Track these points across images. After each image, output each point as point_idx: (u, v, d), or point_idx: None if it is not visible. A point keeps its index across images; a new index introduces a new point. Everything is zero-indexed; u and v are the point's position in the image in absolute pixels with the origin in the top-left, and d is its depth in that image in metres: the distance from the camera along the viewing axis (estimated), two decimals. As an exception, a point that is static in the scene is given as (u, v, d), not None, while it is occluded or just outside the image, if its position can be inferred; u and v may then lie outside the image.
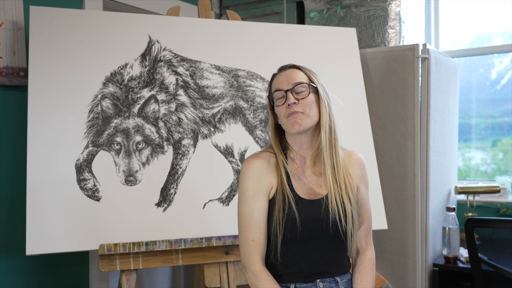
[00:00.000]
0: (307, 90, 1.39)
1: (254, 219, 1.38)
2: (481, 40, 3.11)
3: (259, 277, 1.36)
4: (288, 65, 1.46)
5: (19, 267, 2.08)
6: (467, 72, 3.14)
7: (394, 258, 2.46)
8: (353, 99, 2.33)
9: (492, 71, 3.12)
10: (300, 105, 1.37)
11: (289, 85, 1.39)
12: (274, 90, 1.42)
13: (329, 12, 2.84)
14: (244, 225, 1.40)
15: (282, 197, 1.37)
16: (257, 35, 2.28)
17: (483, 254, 2.25)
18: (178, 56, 2.12)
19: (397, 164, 2.46)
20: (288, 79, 1.40)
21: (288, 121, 1.37)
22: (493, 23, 3.04)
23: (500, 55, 3.06)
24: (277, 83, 1.42)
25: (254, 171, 1.41)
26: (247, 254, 1.39)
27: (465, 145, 3.13)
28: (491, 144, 3.07)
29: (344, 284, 1.42)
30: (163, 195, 1.97)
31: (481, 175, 3.09)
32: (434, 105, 2.45)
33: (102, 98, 1.97)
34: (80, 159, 1.89)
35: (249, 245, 1.38)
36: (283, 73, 1.44)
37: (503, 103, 3.02)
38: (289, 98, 1.37)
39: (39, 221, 1.79)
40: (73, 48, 1.98)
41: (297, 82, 1.39)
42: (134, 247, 1.84)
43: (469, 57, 3.13)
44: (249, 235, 1.38)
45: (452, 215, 2.46)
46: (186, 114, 2.07)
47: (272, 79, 1.47)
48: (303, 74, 1.43)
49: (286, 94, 1.38)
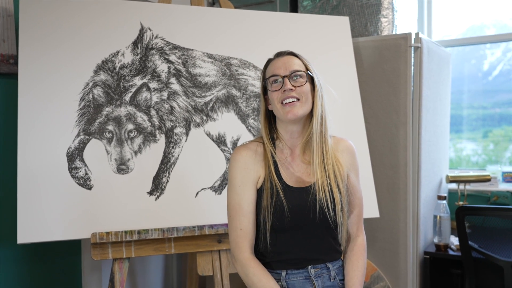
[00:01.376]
0: (304, 78, 1.39)
1: (242, 208, 1.39)
2: (473, 31, 3.11)
3: (247, 265, 1.37)
4: (286, 52, 1.45)
5: (10, 257, 2.07)
6: (460, 63, 3.15)
7: (386, 246, 2.48)
8: (345, 87, 2.33)
9: (484, 62, 3.13)
10: (296, 92, 1.37)
11: (286, 71, 1.39)
12: (270, 75, 1.41)
13: (322, 1, 2.83)
14: (232, 215, 1.41)
15: (270, 185, 1.37)
16: (250, 23, 2.27)
17: (473, 241, 2.27)
18: (170, 44, 2.10)
19: (389, 153, 2.46)
20: (286, 65, 1.40)
21: (283, 108, 1.37)
22: (486, 14, 3.04)
23: (492, 47, 3.07)
24: (274, 68, 1.41)
25: (241, 161, 1.41)
26: (236, 243, 1.40)
27: (456, 136, 3.15)
28: (482, 135, 3.09)
29: (336, 270, 1.43)
30: (155, 183, 1.96)
31: (472, 165, 3.11)
32: (426, 94, 2.46)
33: (94, 86, 1.95)
34: (71, 148, 1.88)
35: (238, 235, 1.39)
36: (280, 59, 1.43)
37: (495, 94, 3.04)
38: (286, 84, 1.36)
39: (30, 210, 1.78)
40: (63, 36, 1.95)
41: (295, 69, 1.39)
42: (126, 236, 1.84)
43: (462, 49, 3.14)
44: (237, 225, 1.39)
45: (443, 204, 2.47)
46: (178, 103, 2.06)
47: (267, 64, 1.46)
48: (300, 62, 1.43)
49: (283, 80, 1.37)
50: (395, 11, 2.68)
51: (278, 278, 1.39)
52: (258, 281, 1.34)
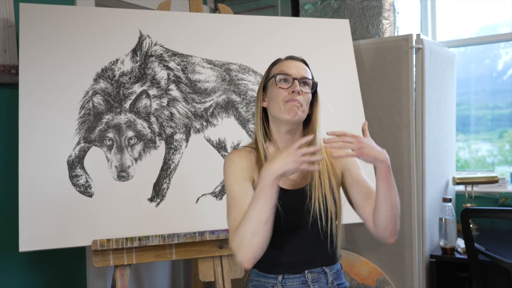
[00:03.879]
0: (309, 89, 1.41)
1: (237, 202, 1.35)
2: (486, 31, 3.07)
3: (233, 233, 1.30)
4: (299, 58, 1.46)
5: (15, 263, 2.09)
6: (473, 63, 3.12)
7: (391, 249, 2.45)
8: (346, 90, 2.31)
9: (498, 62, 3.09)
10: (301, 98, 1.37)
11: (298, 74, 1.39)
12: (282, 72, 1.40)
13: (323, 4, 2.82)
14: (229, 211, 1.37)
15: None
16: (249, 28, 2.27)
17: (481, 244, 2.24)
18: (170, 50, 2.11)
19: (392, 155, 2.41)
20: (298, 69, 1.40)
21: (286, 106, 1.36)
22: (498, 13, 3.00)
23: (506, 46, 3.03)
24: (286, 67, 1.41)
25: (235, 161, 1.41)
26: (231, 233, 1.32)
27: (472, 137, 3.11)
28: (498, 135, 3.05)
29: (333, 275, 1.42)
30: (155, 190, 1.97)
31: (487, 166, 3.07)
32: (429, 96, 2.43)
33: (94, 94, 1.97)
34: (72, 156, 1.90)
35: (233, 226, 1.32)
36: (293, 61, 1.43)
37: (510, 93, 2.99)
38: (295, 85, 1.36)
39: (31, 218, 1.80)
40: (63, 44, 1.98)
41: (307, 77, 1.41)
42: (127, 242, 1.85)
43: (476, 48, 3.10)
44: (234, 217, 1.34)
45: (449, 206, 2.44)
46: (178, 109, 2.07)
47: (276, 62, 1.46)
48: (309, 73, 1.44)
49: (293, 81, 1.37)
50: (396, 13, 2.67)
51: (274, 282, 1.38)
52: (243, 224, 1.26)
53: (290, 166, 1.21)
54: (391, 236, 1.37)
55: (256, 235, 1.23)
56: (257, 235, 1.23)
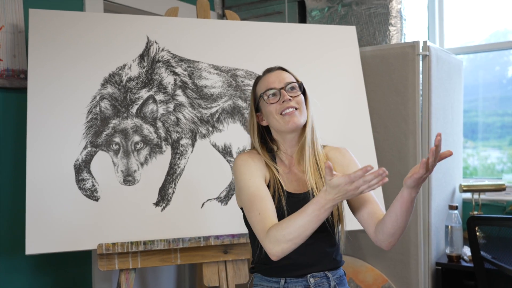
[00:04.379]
0: (298, 90, 1.43)
1: (257, 195, 1.33)
2: (497, 37, 3.06)
3: (269, 232, 1.25)
4: (276, 67, 1.49)
5: (21, 267, 2.11)
6: (483, 69, 3.10)
7: (397, 257, 2.44)
8: (352, 97, 2.32)
9: (508, 69, 3.08)
10: (294, 102, 1.40)
11: (281, 83, 1.42)
12: (266, 89, 1.42)
13: (330, 11, 2.83)
14: (249, 207, 1.33)
15: (273, 192, 1.38)
16: (256, 34, 2.28)
17: (487, 252, 2.22)
18: (176, 56, 2.13)
19: (398, 162, 2.44)
20: (279, 78, 1.43)
21: (283, 119, 1.39)
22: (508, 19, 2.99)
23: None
24: (268, 82, 1.44)
25: (249, 160, 1.41)
26: (259, 229, 1.29)
27: (480, 144, 3.09)
28: (508, 142, 3.03)
29: (336, 280, 1.42)
30: (161, 194, 1.98)
31: (497, 174, 3.05)
32: (435, 103, 2.43)
33: (101, 99, 1.99)
34: (78, 160, 1.91)
35: (258, 220, 1.29)
36: (272, 73, 1.46)
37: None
38: (284, 95, 1.39)
39: (38, 221, 1.81)
40: (71, 50, 2.00)
41: (289, 81, 1.43)
42: (132, 247, 1.86)
43: (485, 55, 3.09)
44: (255, 211, 1.31)
45: (455, 213, 2.43)
46: (184, 114, 2.08)
47: (257, 81, 1.49)
48: (291, 75, 1.46)
49: (280, 92, 1.40)
50: (403, 20, 2.67)
51: (277, 286, 1.39)
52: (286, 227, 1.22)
53: (349, 195, 1.15)
54: (388, 247, 1.34)
55: (294, 241, 1.21)
56: (294, 241, 1.21)
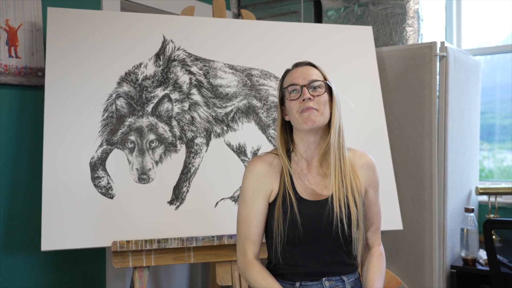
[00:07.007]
0: (323, 88, 1.39)
1: (250, 220, 1.40)
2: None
3: (247, 269, 1.39)
4: (304, 62, 1.46)
5: (36, 263, 2.13)
6: (500, 71, 3.06)
7: (411, 259, 2.42)
8: (368, 97, 2.30)
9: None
10: (315, 102, 1.36)
11: (305, 80, 1.38)
12: (289, 84, 1.40)
13: (347, 11, 2.81)
14: (240, 224, 1.43)
15: (283, 199, 1.37)
16: (271, 34, 2.28)
17: (504, 256, 2.19)
18: (192, 55, 2.14)
19: (413, 164, 2.42)
20: (304, 75, 1.40)
21: (301, 117, 1.36)
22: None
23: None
24: (292, 77, 1.41)
25: (255, 173, 1.41)
26: (240, 249, 1.43)
27: (497, 146, 3.05)
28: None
29: (351, 283, 1.41)
30: (175, 193, 1.99)
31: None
32: (452, 104, 2.40)
33: (117, 97, 2.00)
34: (94, 157, 1.93)
35: (242, 242, 1.42)
36: (299, 68, 1.43)
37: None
38: (304, 93, 1.36)
39: (54, 218, 1.83)
40: (88, 48, 2.01)
41: (313, 79, 1.39)
42: (146, 245, 1.86)
43: (503, 56, 3.04)
44: (243, 234, 1.41)
45: (471, 216, 2.40)
46: (199, 113, 2.08)
47: (285, 75, 1.46)
48: (319, 72, 1.43)
49: (302, 89, 1.37)
50: (420, 20, 2.64)
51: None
52: (254, 282, 1.37)
53: None
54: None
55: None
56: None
